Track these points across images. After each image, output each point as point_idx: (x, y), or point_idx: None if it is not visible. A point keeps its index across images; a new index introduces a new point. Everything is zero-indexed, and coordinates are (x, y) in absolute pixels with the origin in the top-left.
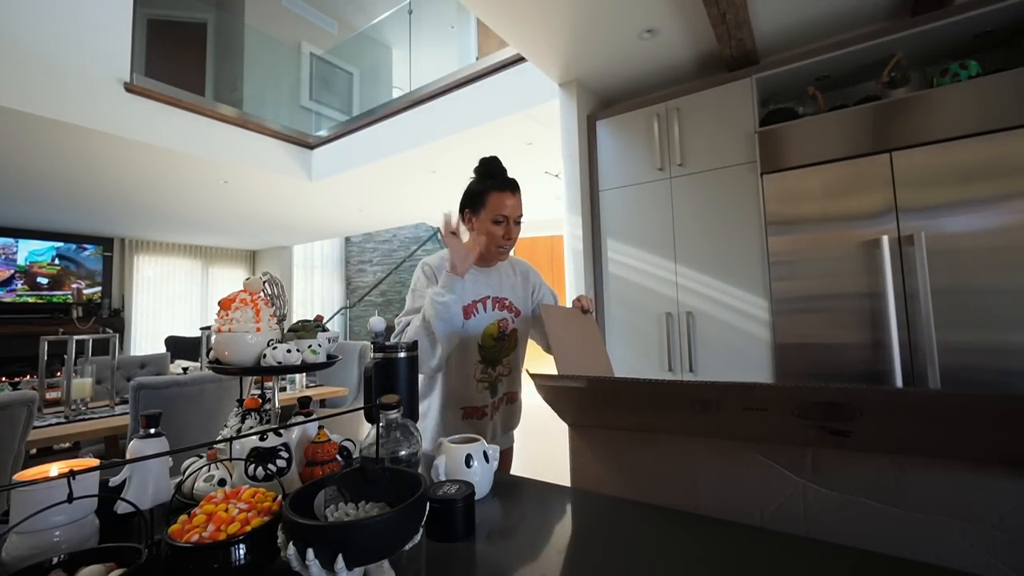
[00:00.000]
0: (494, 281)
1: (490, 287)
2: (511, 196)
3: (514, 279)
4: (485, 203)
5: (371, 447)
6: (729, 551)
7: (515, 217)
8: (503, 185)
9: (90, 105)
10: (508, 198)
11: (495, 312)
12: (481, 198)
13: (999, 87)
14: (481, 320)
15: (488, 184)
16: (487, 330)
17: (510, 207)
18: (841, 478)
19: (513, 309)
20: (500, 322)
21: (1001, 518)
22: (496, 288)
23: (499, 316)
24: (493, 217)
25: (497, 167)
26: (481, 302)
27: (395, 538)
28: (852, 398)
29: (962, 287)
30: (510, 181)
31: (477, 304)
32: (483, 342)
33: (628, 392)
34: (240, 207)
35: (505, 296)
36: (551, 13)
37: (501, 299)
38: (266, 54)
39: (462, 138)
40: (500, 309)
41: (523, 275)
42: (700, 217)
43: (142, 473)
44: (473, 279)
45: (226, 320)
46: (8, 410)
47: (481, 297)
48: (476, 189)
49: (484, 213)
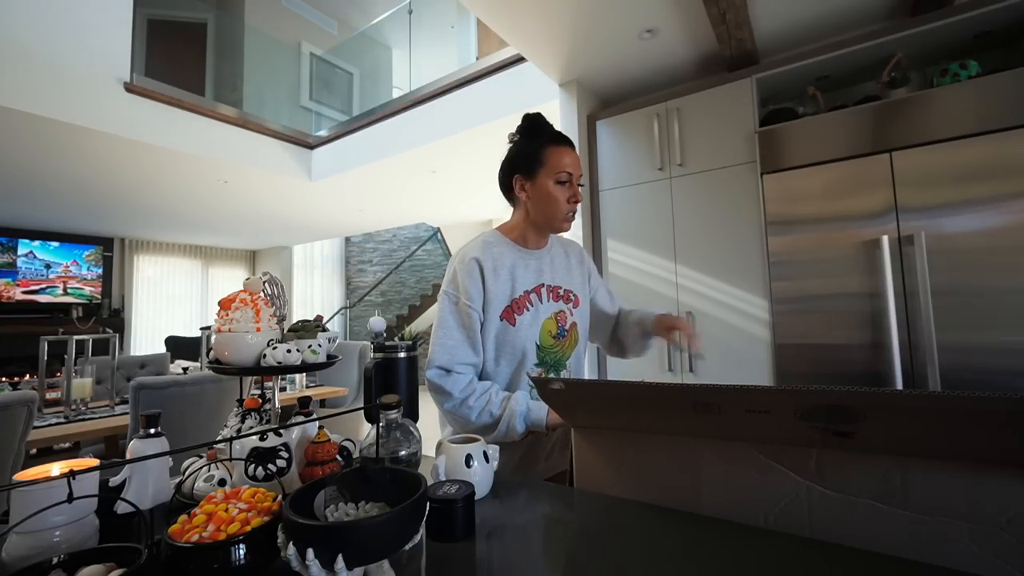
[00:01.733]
0: (546, 264)
1: (542, 272)
2: (570, 151)
3: (567, 261)
4: (543, 161)
5: (371, 447)
6: (733, 553)
7: (578, 176)
8: (560, 138)
9: (90, 105)
10: (567, 153)
11: (551, 303)
12: (537, 156)
13: (999, 87)
14: (537, 315)
15: (543, 140)
16: (545, 326)
17: (573, 163)
18: (846, 480)
19: (571, 298)
20: (558, 315)
21: (1009, 520)
22: (549, 273)
23: (556, 308)
24: (555, 176)
25: (546, 122)
26: (535, 292)
27: (395, 538)
28: (855, 401)
29: (962, 287)
30: (564, 137)
31: (530, 295)
32: (542, 341)
33: (629, 395)
34: (240, 207)
35: (560, 284)
36: (551, 13)
37: (556, 288)
38: (266, 54)
39: (462, 138)
40: (556, 299)
41: (577, 257)
42: (700, 217)
43: (142, 473)
44: (523, 263)
45: (226, 320)
46: (8, 410)
47: (534, 286)
48: (527, 149)
49: (543, 173)
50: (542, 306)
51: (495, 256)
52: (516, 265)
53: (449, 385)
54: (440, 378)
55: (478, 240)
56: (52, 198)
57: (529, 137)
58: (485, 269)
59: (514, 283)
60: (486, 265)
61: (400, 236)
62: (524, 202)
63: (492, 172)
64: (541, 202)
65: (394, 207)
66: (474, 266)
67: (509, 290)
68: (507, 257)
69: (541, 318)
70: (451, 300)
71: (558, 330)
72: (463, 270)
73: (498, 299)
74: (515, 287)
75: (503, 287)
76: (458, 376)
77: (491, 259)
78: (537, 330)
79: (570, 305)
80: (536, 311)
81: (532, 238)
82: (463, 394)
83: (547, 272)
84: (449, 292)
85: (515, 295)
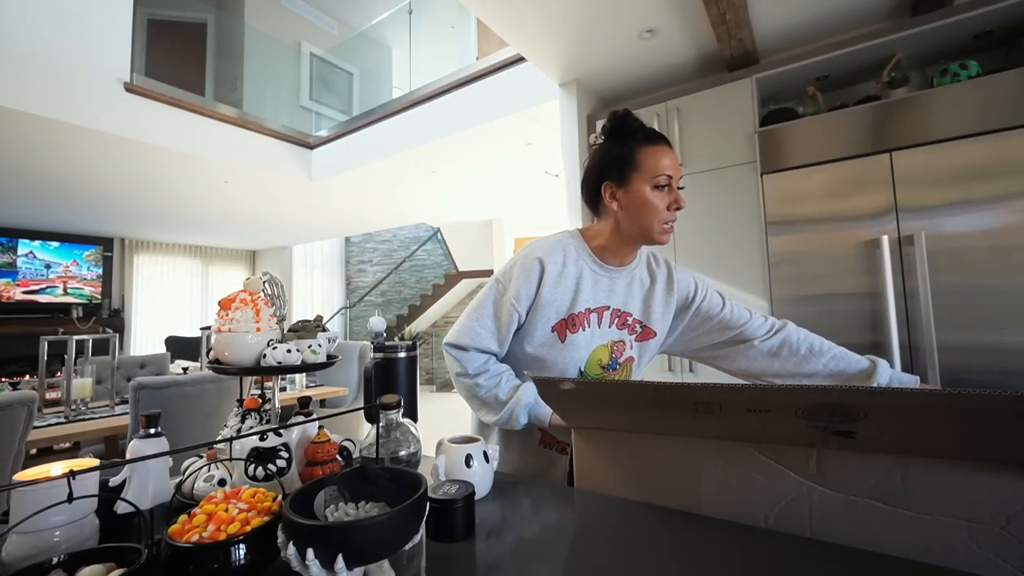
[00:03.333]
0: (621, 286)
1: (613, 293)
2: (668, 150)
3: (651, 288)
4: (638, 164)
5: (371, 447)
6: (734, 553)
7: (679, 178)
8: (654, 136)
9: (90, 105)
10: (665, 153)
11: (611, 330)
12: (631, 159)
13: (999, 87)
14: (591, 338)
15: (635, 140)
16: (595, 353)
17: (672, 164)
18: (846, 479)
19: (638, 329)
20: (615, 345)
21: (1009, 519)
22: (623, 297)
23: (616, 337)
24: (654, 181)
25: (635, 120)
26: (596, 312)
27: (395, 538)
28: (856, 400)
29: (962, 287)
30: (660, 135)
31: (591, 314)
32: (588, 369)
33: (629, 395)
34: (240, 207)
35: (631, 311)
36: (551, 13)
37: (625, 314)
38: (266, 54)
39: (462, 138)
40: (621, 327)
41: (665, 282)
42: (700, 217)
43: (142, 473)
44: (594, 278)
45: (226, 320)
46: (8, 410)
47: (598, 306)
48: (617, 152)
49: (638, 178)
50: (600, 330)
51: (564, 262)
52: (585, 277)
53: (465, 361)
54: (456, 352)
55: (553, 238)
56: (52, 198)
57: (617, 138)
58: (547, 273)
59: (577, 296)
60: (550, 269)
61: (400, 236)
62: (615, 212)
63: (492, 172)
64: (636, 210)
65: (394, 207)
66: (535, 266)
67: (569, 302)
68: (579, 266)
69: (595, 343)
70: (498, 291)
71: (610, 360)
72: (522, 267)
73: (552, 306)
74: (577, 301)
75: (563, 296)
76: (474, 354)
77: (559, 264)
78: (587, 355)
79: (633, 337)
80: (591, 334)
81: (616, 252)
82: (476, 371)
83: (620, 295)
84: (501, 281)
85: (575, 310)
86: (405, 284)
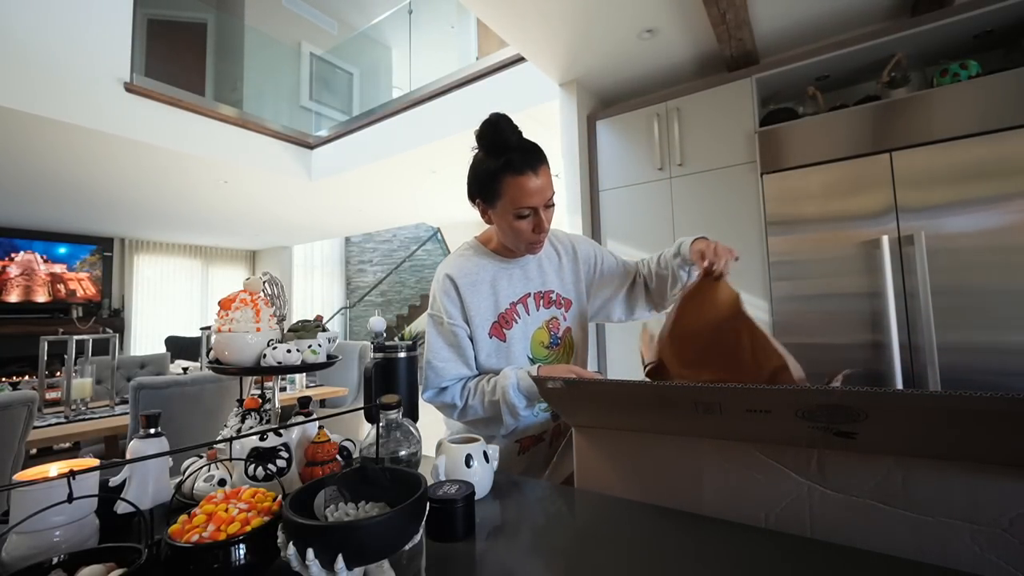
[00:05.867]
0: (532, 271)
1: (528, 280)
2: (533, 177)
3: (559, 262)
4: (501, 193)
5: (371, 447)
6: (734, 552)
7: (544, 202)
8: (520, 165)
9: (90, 105)
10: (529, 180)
11: (541, 311)
12: (496, 186)
13: (999, 87)
14: (525, 327)
15: (500, 164)
16: (535, 337)
17: (535, 192)
18: (847, 480)
19: (562, 302)
20: (549, 323)
21: (1011, 521)
22: (538, 279)
23: (547, 316)
24: (515, 211)
25: (505, 136)
26: (521, 303)
27: (395, 538)
28: (857, 401)
29: (962, 287)
30: (528, 157)
31: (516, 307)
32: (533, 353)
33: (629, 394)
34: (240, 207)
35: (552, 288)
36: (551, 13)
37: (547, 293)
38: (266, 54)
39: (462, 138)
40: (548, 306)
41: (569, 253)
42: (700, 217)
43: (142, 473)
44: (505, 274)
45: (226, 320)
46: (8, 410)
47: (520, 297)
48: (484, 172)
49: (501, 205)
50: (530, 316)
51: (471, 270)
52: (497, 278)
53: (448, 399)
54: (439, 397)
55: (455, 254)
56: (52, 198)
57: (490, 152)
58: (460, 286)
59: (497, 297)
60: (461, 281)
61: (400, 236)
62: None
63: None
64: (503, 231)
65: (394, 207)
66: (448, 284)
67: (493, 305)
68: (486, 270)
69: (531, 329)
70: (435, 322)
71: (550, 339)
72: (439, 289)
73: (481, 315)
74: (499, 301)
75: (485, 302)
76: (452, 387)
77: (467, 274)
78: (528, 342)
79: (562, 310)
80: (525, 323)
81: (507, 251)
82: (462, 400)
83: (535, 278)
84: (433, 315)
85: (500, 309)
86: (405, 284)
